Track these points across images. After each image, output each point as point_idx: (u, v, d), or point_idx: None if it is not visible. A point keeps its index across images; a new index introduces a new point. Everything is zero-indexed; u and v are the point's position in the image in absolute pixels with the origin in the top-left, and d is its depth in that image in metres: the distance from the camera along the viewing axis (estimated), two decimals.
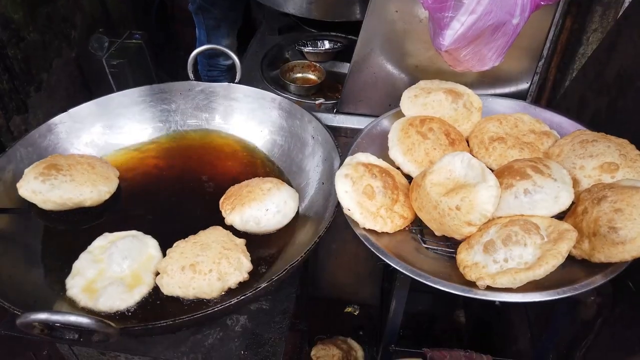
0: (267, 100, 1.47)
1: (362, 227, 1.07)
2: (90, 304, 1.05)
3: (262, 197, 1.21)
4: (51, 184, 1.20)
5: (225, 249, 1.12)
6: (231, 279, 1.09)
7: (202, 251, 1.12)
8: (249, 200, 1.21)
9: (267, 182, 1.27)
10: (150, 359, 1.15)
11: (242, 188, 1.27)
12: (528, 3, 1.09)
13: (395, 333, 1.33)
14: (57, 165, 1.23)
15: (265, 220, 1.20)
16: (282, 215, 1.23)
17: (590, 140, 1.09)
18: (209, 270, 1.08)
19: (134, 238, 1.18)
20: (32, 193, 1.20)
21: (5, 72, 2.22)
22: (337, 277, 2.13)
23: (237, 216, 1.21)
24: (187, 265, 1.08)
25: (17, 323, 0.83)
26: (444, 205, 0.97)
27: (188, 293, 1.08)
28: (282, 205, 1.22)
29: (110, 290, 1.07)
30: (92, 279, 1.11)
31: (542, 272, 0.87)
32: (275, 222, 1.22)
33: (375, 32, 1.37)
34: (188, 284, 1.07)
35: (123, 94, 1.46)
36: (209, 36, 2.46)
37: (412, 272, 0.96)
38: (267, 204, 1.20)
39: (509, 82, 1.44)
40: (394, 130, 1.25)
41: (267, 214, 1.20)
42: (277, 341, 1.15)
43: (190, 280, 1.07)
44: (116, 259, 1.12)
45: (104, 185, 1.27)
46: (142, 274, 1.12)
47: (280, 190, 1.24)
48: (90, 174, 1.26)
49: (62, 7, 2.54)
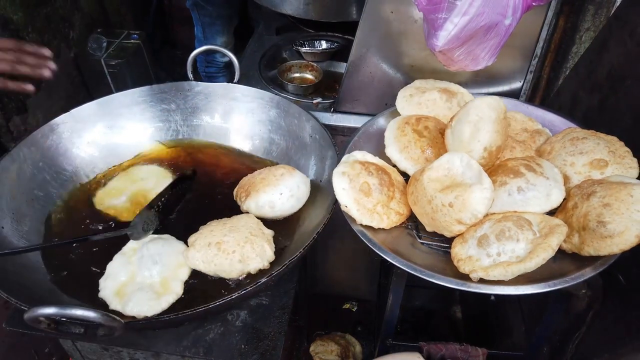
0: (265, 99, 1.50)
1: (359, 223, 1.09)
2: (119, 307, 1.08)
3: (275, 182, 1.26)
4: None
5: (252, 235, 1.17)
6: (252, 264, 1.14)
7: (230, 232, 1.17)
8: (263, 186, 1.26)
9: (279, 168, 1.32)
10: (152, 353, 1.17)
11: (255, 177, 1.32)
12: (520, 4, 1.12)
13: (393, 327, 1.36)
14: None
15: (279, 204, 1.26)
16: (295, 199, 1.28)
17: (581, 137, 1.12)
18: (232, 251, 1.13)
19: (164, 242, 1.20)
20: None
21: None
22: (335, 274, 2.15)
23: (253, 202, 1.27)
24: (213, 242, 1.14)
25: (24, 317, 0.85)
26: (438, 200, 1.00)
27: (209, 269, 1.14)
28: (295, 189, 1.27)
29: (139, 296, 1.08)
30: (123, 282, 1.13)
31: (534, 264, 0.90)
32: (289, 206, 1.28)
33: (371, 33, 1.39)
34: (211, 260, 1.13)
35: (124, 94, 1.48)
36: (205, 33, 2.49)
37: (408, 267, 0.99)
38: (280, 188, 1.25)
39: (502, 81, 1.47)
40: (390, 129, 1.28)
41: (281, 198, 1.25)
42: (277, 336, 1.17)
43: (213, 257, 1.13)
44: (146, 264, 1.15)
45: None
46: (171, 283, 1.14)
47: (293, 176, 1.29)
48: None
49: (61, 8, 2.55)
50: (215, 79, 2.58)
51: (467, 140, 1.09)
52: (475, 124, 1.08)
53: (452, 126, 1.14)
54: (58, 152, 1.38)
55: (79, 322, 0.88)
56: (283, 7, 1.72)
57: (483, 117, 1.07)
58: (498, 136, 1.10)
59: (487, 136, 1.08)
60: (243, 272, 1.14)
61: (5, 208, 1.21)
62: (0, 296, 0.96)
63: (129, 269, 1.15)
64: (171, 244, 1.21)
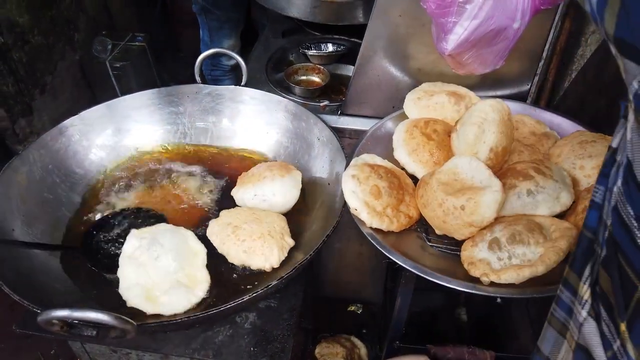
0: (273, 102, 1.50)
1: (369, 226, 1.10)
2: (158, 310, 1.06)
3: (255, 181, 1.30)
4: None
5: (269, 235, 1.17)
6: (255, 261, 1.15)
7: (252, 222, 1.19)
8: (245, 183, 1.33)
9: (273, 169, 1.32)
10: (161, 355, 1.18)
11: (253, 170, 1.37)
12: (528, 8, 1.12)
13: (400, 330, 1.36)
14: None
15: (251, 204, 1.30)
16: (268, 205, 1.29)
17: (590, 140, 1.13)
18: (242, 240, 1.15)
19: (172, 233, 1.17)
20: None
21: (11, 75, 2.24)
22: (340, 276, 2.15)
23: (234, 192, 1.34)
24: (232, 224, 1.18)
25: (38, 320, 0.85)
26: (449, 203, 1.00)
27: (220, 246, 1.18)
28: (269, 195, 1.29)
29: (173, 294, 1.07)
30: (148, 287, 1.09)
31: (544, 268, 0.91)
32: (265, 207, 1.29)
33: (379, 36, 1.40)
34: (223, 240, 1.17)
35: (132, 97, 1.48)
36: (212, 37, 2.49)
37: (418, 270, 0.99)
38: (255, 190, 1.30)
39: (510, 84, 1.47)
40: (398, 132, 1.28)
41: (253, 199, 1.30)
42: (286, 338, 1.17)
43: (225, 237, 1.17)
44: (164, 261, 1.12)
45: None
46: (196, 273, 1.14)
47: (274, 182, 1.29)
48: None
49: (66, 11, 2.57)
50: (220, 82, 2.58)
51: (473, 142, 1.10)
52: (479, 125, 1.09)
53: (457, 129, 1.15)
54: (67, 155, 1.38)
55: (92, 324, 0.88)
56: (290, 10, 1.72)
57: (487, 119, 1.09)
58: (503, 137, 1.11)
59: (492, 137, 1.09)
60: (245, 264, 1.16)
61: (16, 211, 1.21)
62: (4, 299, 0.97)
63: (144, 271, 1.11)
64: (177, 232, 1.19)
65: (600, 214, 0.60)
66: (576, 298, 0.65)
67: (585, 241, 0.64)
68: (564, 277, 0.69)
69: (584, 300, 0.62)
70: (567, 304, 0.68)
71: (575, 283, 0.65)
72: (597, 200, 0.61)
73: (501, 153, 1.11)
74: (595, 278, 0.61)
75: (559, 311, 0.70)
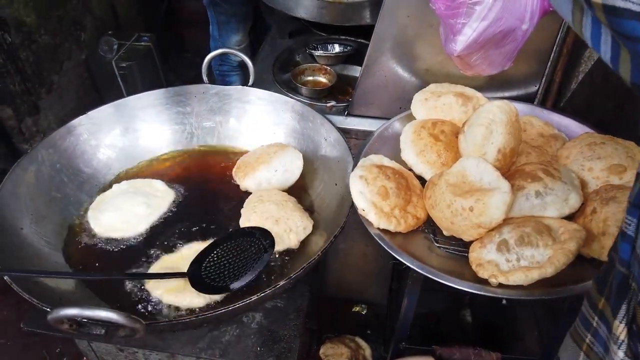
0: (280, 103, 1.50)
1: (377, 227, 1.10)
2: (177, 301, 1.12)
3: (269, 160, 1.37)
4: None
5: (285, 221, 1.24)
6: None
7: (273, 204, 1.27)
8: (259, 165, 1.37)
9: (272, 146, 1.43)
10: (168, 355, 1.18)
11: (250, 157, 1.44)
12: (537, 9, 1.12)
13: (406, 331, 1.36)
14: None
15: (275, 180, 1.37)
16: (290, 173, 1.39)
17: (598, 142, 1.12)
18: (265, 219, 1.23)
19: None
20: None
21: (18, 74, 2.25)
22: (345, 277, 2.15)
23: (250, 181, 1.37)
24: (255, 201, 1.29)
25: (48, 318, 0.85)
26: (458, 205, 1.00)
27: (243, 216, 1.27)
28: (289, 163, 1.39)
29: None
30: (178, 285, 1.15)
31: (553, 270, 0.90)
32: (284, 180, 1.39)
33: (386, 37, 1.40)
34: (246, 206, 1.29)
35: (139, 97, 1.49)
36: (220, 31, 2.48)
37: (426, 271, 0.99)
38: (275, 165, 1.37)
39: (518, 85, 1.47)
40: (406, 133, 1.28)
41: (276, 174, 1.37)
42: (292, 338, 1.17)
43: (248, 206, 1.29)
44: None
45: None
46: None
47: (286, 152, 1.39)
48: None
49: (73, 10, 2.58)
50: (228, 77, 2.58)
51: (481, 143, 1.10)
52: (487, 126, 1.09)
53: (464, 131, 1.15)
54: (75, 154, 1.39)
55: (101, 323, 0.89)
56: (297, 11, 1.72)
57: (495, 120, 1.08)
58: (511, 138, 1.11)
59: (500, 138, 1.09)
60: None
61: (24, 209, 1.21)
62: (11, 298, 0.97)
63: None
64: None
65: (633, 247, 0.57)
66: (611, 335, 0.61)
67: (619, 276, 0.60)
68: (600, 310, 0.65)
69: (620, 340, 0.59)
70: (603, 339, 0.64)
71: (610, 319, 0.62)
72: (630, 233, 0.58)
73: (509, 154, 1.11)
74: (632, 316, 0.58)
75: (597, 346, 0.66)
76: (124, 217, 1.30)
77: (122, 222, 1.30)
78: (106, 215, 1.30)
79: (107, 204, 1.33)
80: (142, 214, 1.31)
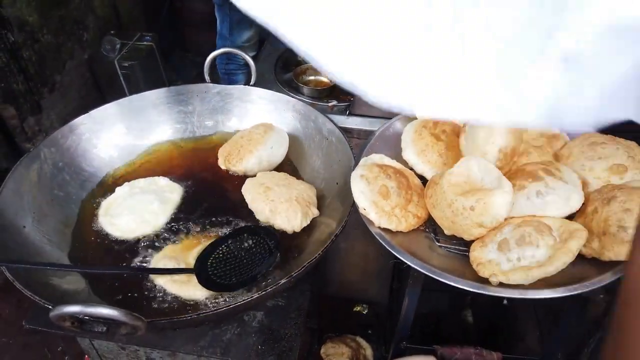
0: (282, 102, 1.51)
1: (378, 226, 1.10)
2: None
3: (263, 140, 1.42)
4: None
5: (296, 201, 1.26)
6: (278, 221, 1.25)
7: (283, 186, 1.30)
8: (255, 145, 1.41)
9: (258, 127, 1.46)
10: (169, 353, 1.18)
11: (237, 142, 1.45)
12: None
13: (407, 330, 1.36)
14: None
15: (272, 156, 1.43)
16: (284, 148, 1.46)
17: (599, 142, 1.12)
18: (271, 200, 1.26)
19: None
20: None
21: (21, 74, 2.26)
22: (345, 276, 2.16)
23: (250, 162, 1.41)
24: (265, 185, 1.30)
25: (50, 315, 0.86)
26: (459, 204, 1.00)
27: (251, 202, 1.30)
28: (281, 139, 1.45)
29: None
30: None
31: (554, 269, 0.91)
32: (280, 155, 1.46)
33: None
34: (254, 197, 1.29)
35: (141, 96, 1.49)
36: (232, 29, 2.46)
37: (427, 269, 0.99)
38: (270, 143, 1.42)
39: None
40: (407, 132, 1.28)
41: (272, 151, 1.42)
42: (293, 337, 1.18)
43: (257, 195, 1.29)
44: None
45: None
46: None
47: (274, 130, 1.45)
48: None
49: (75, 10, 2.59)
50: (235, 76, 2.57)
51: (482, 143, 1.10)
52: (488, 126, 1.09)
53: (465, 131, 1.15)
54: (77, 153, 1.39)
55: (102, 320, 0.89)
56: None
57: None
58: (512, 138, 1.11)
59: (501, 138, 1.09)
60: (269, 221, 1.26)
61: (27, 207, 1.22)
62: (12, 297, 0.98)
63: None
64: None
65: None
66: None
67: None
68: None
69: None
70: None
71: None
72: None
73: (510, 154, 1.11)
74: None
75: None
76: (142, 217, 1.30)
77: (141, 221, 1.30)
78: (123, 220, 1.29)
79: (119, 207, 1.32)
80: (157, 210, 1.32)
